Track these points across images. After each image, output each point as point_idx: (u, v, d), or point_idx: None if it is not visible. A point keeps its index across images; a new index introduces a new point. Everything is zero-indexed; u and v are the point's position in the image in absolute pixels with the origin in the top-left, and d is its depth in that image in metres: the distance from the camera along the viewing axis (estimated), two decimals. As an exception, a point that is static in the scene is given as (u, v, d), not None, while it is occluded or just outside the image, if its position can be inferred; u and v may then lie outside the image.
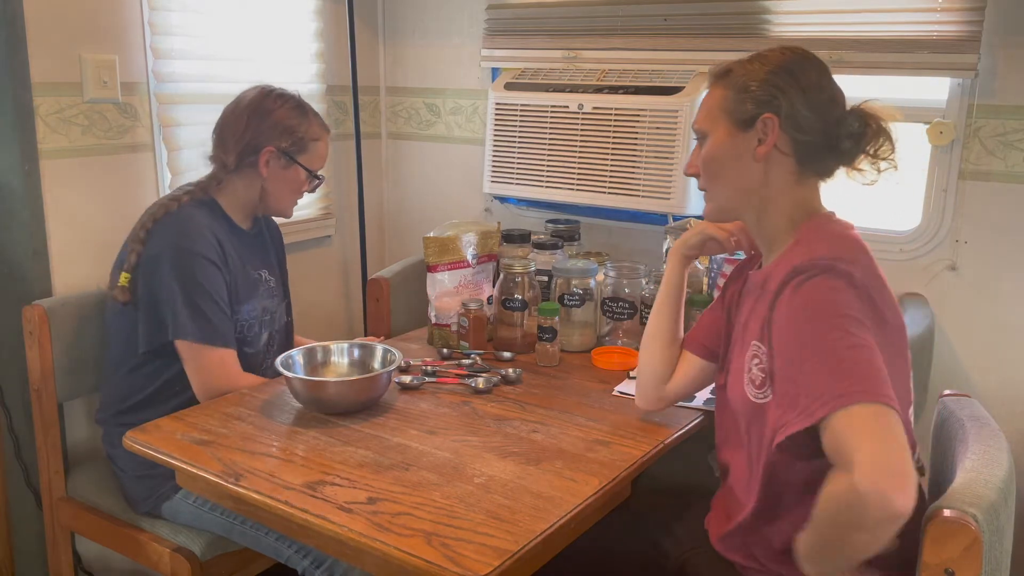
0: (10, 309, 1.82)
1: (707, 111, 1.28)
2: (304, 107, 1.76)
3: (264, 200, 1.76)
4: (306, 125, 1.74)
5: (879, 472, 0.93)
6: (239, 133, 1.70)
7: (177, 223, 1.63)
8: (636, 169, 2.11)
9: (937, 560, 0.91)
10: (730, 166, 1.26)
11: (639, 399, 1.51)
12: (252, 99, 1.73)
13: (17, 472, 1.92)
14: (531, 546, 1.10)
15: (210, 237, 1.64)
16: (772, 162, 1.23)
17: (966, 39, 1.79)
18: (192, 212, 1.66)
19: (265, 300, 1.79)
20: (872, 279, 1.15)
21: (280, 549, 1.53)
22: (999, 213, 1.86)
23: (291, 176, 1.74)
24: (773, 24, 2.03)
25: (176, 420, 1.48)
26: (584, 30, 2.29)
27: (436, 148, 2.68)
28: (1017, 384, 1.89)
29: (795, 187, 1.24)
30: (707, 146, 1.27)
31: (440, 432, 1.44)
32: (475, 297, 1.93)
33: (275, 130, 1.70)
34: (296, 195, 1.79)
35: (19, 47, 1.76)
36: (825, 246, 1.16)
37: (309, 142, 1.74)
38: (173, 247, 1.59)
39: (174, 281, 1.58)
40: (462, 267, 1.96)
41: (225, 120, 1.73)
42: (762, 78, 1.21)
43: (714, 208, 1.32)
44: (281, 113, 1.71)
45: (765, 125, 1.21)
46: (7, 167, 1.81)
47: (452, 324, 1.91)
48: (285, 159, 1.72)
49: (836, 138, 1.22)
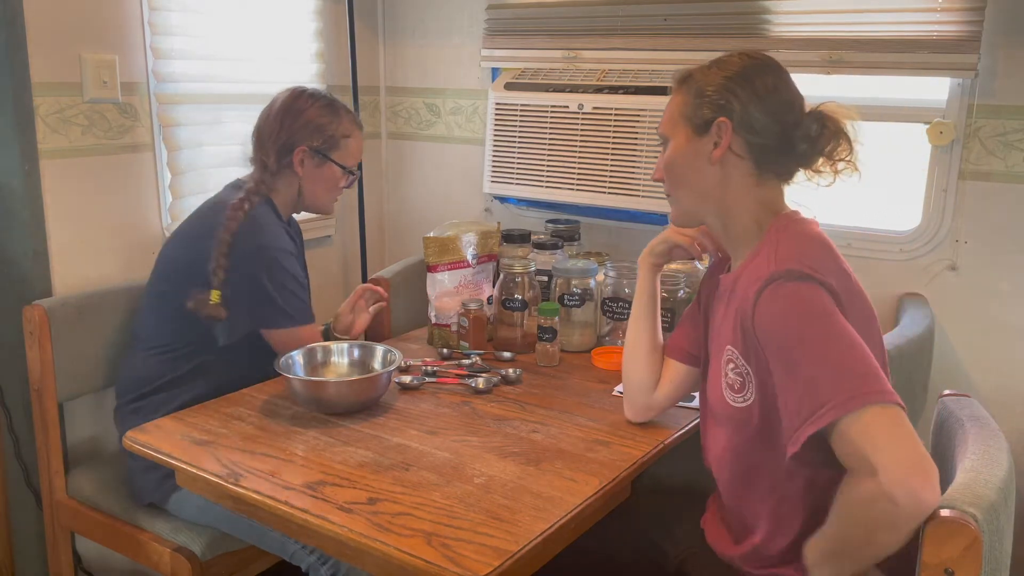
0: (10, 309, 1.82)
1: (668, 116, 1.31)
2: (335, 105, 1.81)
3: (303, 198, 1.82)
4: (336, 122, 1.79)
5: (906, 472, 0.95)
6: (275, 135, 1.76)
7: (253, 226, 1.68)
8: (636, 169, 2.11)
9: (937, 560, 0.91)
10: (690, 170, 1.27)
11: (628, 411, 1.50)
12: (284, 100, 1.79)
13: (17, 472, 1.92)
14: (531, 546, 1.10)
15: (283, 233, 1.74)
16: (729, 165, 1.24)
17: (966, 39, 1.80)
18: (263, 212, 1.73)
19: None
20: (841, 279, 1.15)
21: (285, 544, 1.53)
22: (999, 213, 1.86)
23: (326, 174, 1.80)
24: (773, 24, 2.03)
25: (176, 420, 1.48)
26: (584, 30, 2.29)
27: (436, 148, 2.68)
28: (1017, 384, 1.89)
29: (755, 189, 1.24)
30: (668, 151, 1.29)
31: (440, 432, 1.45)
32: (475, 297, 1.93)
33: (306, 129, 1.76)
34: (334, 192, 1.84)
35: (19, 47, 1.76)
36: (792, 247, 1.16)
37: (341, 139, 1.79)
38: (259, 249, 1.67)
39: (268, 281, 1.66)
40: (462, 267, 1.96)
41: (261, 123, 1.80)
42: (718, 83, 1.23)
43: (679, 212, 1.33)
44: (312, 112, 1.77)
45: (719, 128, 1.22)
46: (7, 167, 1.81)
47: (452, 324, 1.91)
48: (319, 157, 1.77)
49: (792, 140, 1.22)
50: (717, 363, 1.27)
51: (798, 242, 1.18)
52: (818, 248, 1.18)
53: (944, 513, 0.91)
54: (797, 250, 1.16)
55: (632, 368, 1.48)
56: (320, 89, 1.84)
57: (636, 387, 1.47)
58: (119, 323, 1.85)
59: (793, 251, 1.15)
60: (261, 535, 1.56)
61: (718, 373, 1.26)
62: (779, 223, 1.23)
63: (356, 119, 1.84)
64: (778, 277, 1.11)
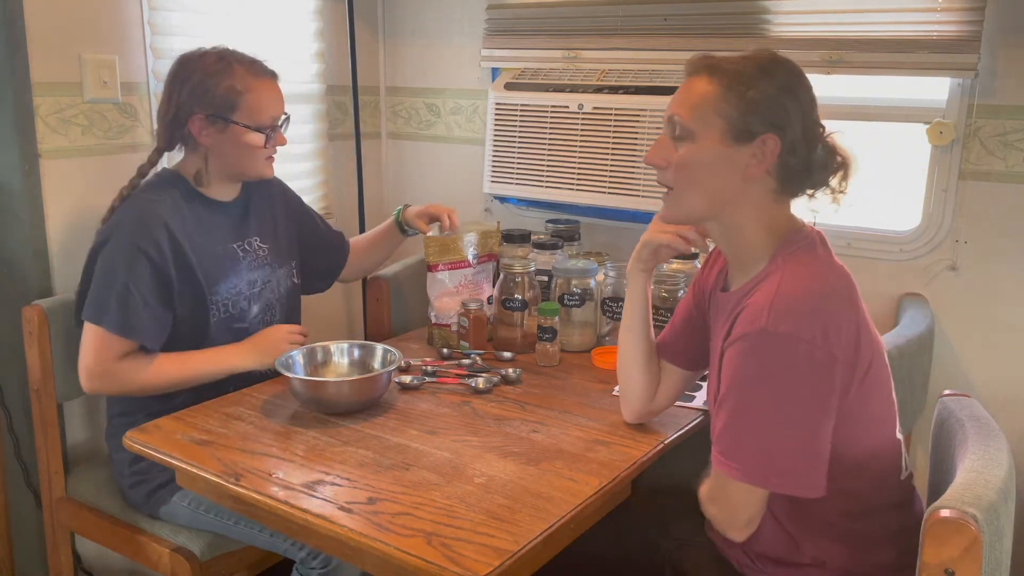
0: (10, 309, 1.82)
1: (695, 107, 1.18)
2: (226, 59, 1.61)
3: (226, 168, 1.66)
4: (228, 79, 1.59)
5: (732, 530, 1.20)
6: (162, 108, 1.63)
7: (125, 211, 1.60)
8: (636, 169, 2.11)
9: (937, 560, 0.90)
10: (712, 176, 1.19)
11: (628, 415, 1.48)
12: (170, 70, 1.63)
13: (17, 472, 1.92)
14: (531, 546, 1.10)
15: (156, 230, 1.56)
16: (755, 181, 1.18)
17: (966, 39, 1.79)
18: (148, 197, 1.61)
19: (252, 272, 1.72)
20: (843, 326, 1.11)
21: (276, 543, 1.53)
22: (999, 213, 1.86)
23: (235, 138, 1.61)
24: (773, 24, 2.03)
25: (176, 420, 1.48)
26: (584, 30, 2.29)
27: (436, 148, 2.68)
28: (1017, 384, 1.89)
29: (770, 207, 1.21)
30: (691, 149, 1.18)
31: (440, 432, 1.44)
32: (475, 297, 1.93)
33: (194, 95, 1.58)
34: (256, 153, 1.64)
35: (19, 47, 1.76)
36: (800, 289, 1.12)
37: (236, 96, 1.59)
38: (114, 237, 1.56)
39: (100, 264, 1.56)
40: (462, 267, 1.95)
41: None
42: (772, 95, 1.15)
43: (678, 212, 1.25)
44: (198, 75, 1.59)
45: (765, 145, 1.15)
46: (7, 167, 1.81)
47: (452, 324, 1.91)
48: (220, 122, 1.60)
49: (812, 166, 1.19)
50: (713, 372, 1.28)
51: (808, 283, 1.14)
52: (829, 285, 1.14)
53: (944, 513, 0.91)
54: (804, 297, 1.11)
55: (631, 375, 1.46)
56: (212, 46, 1.64)
57: (637, 395, 1.46)
58: (119, 323, 1.85)
59: (793, 298, 1.11)
60: (251, 539, 1.57)
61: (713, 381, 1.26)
62: (794, 253, 1.18)
63: (257, 68, 1.63)
64: (770, 332, 1.08)
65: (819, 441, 1.11)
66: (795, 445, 1.10)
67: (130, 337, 1.56)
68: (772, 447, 1.11)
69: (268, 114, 1.64)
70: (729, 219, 1.22)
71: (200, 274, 1.62)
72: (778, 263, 1.18)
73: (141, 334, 1.56)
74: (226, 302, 1.67)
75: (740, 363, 1.12)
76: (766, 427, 1.11)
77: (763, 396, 1.10)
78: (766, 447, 1.11)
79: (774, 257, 1.20)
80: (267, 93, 1.64)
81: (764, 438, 1.11)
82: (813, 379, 1.09)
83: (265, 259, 1.76)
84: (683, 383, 1.47)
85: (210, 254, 1.65)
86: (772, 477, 1.12)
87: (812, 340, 1.07)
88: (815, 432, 1.10)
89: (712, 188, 1.20)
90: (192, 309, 1.63)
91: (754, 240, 1.22)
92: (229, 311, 1.68)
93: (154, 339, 1.58)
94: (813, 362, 1.08)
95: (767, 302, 1.11)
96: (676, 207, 1.25)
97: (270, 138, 1.66)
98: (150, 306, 1.56)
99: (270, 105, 1.64)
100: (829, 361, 1.09)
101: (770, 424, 1.10)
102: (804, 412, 1.10)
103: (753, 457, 1.12)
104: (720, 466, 1.15)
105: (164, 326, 1.60)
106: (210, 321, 1.65)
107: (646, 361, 1.45)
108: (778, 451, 1.11)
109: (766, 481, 1.13)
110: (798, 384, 1.09)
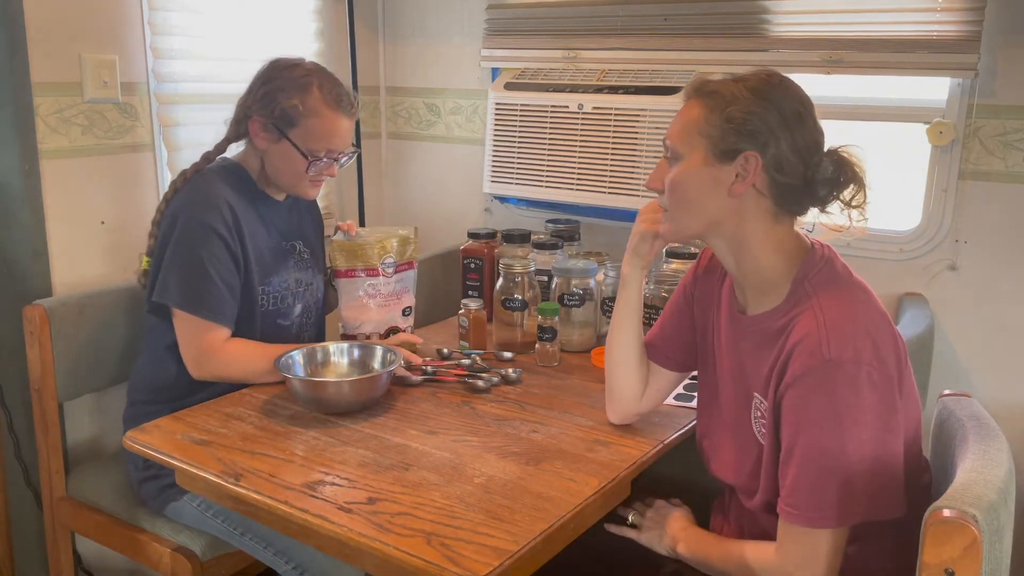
0: (10, 309, 1.82)
1: (682, 129, 1.20)
2: (311, 77, 1.63)
3: (272, 175, 1.69)
4: (301, 96, 1.61)
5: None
6: (242, 99, 1.67)
7: (190, 192, 1.61)
8: (636, 169, 2.11)
9: (937, 560, 0.90)
10: (701, 196, 1.19)
11: (614, 415, 1.48)
12: (261, 68, 1.67)
13: (17, 472, 1.92)
14: (531, 546, 1.10)
15: (223, 208, 1.58)
16: (747, 199, 1.17)
17: (966, 39, 1.80)
18: (211, 179, 1.63)
19: (298, 272, 1.76)
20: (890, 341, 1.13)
21: (277, 564, 1.53)
22: (999, 213, 1.86)
23: (285, 152, 1.63)
24: (773, 24, 2.03)
25: (176, 420, 1.48)
26: (584, 30, 2.29)
27: (436, 148, 2.68)
28: (1017, 384, 1.89)
29: (773, 227, 1.19)
30: (678, 170, 1.20)
31: (440, 432, 1.44)
32: (392, 308, 1.84)
33: (266, 99, 1.62)
34: (299, 176, 1.66)
35: (19, 47, 1.76)
36: (843, 314, 1.12)
37: (301, 116, 1.61)
38: (184, 215, 1.58)
39: (175, 246, 1.57)
40: (374, 275, 1.81)
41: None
42: (749, 110, 1.14)
43: (677, 231, 1.25)
44: (277, 83, 1.62)
45: (747, 162, 1.15)
46: (7, 167, 1.81)
47: (360, 336, 1.81)
48: (276, 132, 1.62)
49: (814, 183, 1.17)
50: (744, 394, 1.27)
51: (843, 307, 1.13)
52: (862, 318, 1.13)
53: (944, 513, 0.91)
54: (845, 322, 1.11)
55: (620, 375, 1.45)
56: (313, 63, 1.67)
57: (626, 395, 1.45)
58: (119, 323, 1.85)
59: (842, 324, 1.11)
60: (253, 551, 1.56)
61: (746, 403, 1.26)
62: (809, 275, 1.17)
63: (337, 99, 1.63)
64: (830, 364, 1.08)
65: (893, 459, 1.11)
66: (873, 468, 1.09)
67: (221, 323, 1.59)
68: (853, 478, 1.09)
69: (324, 144, 1.64)
70: (730, 238, 1.21)
71: (254, 261, 1.65)
72: (806, 290, 1.17)
73: (221, 315, 1.59)
74: (276, 295, 1.70)
75: (807, 402, 1.10)
76: (844, 460, 1.08)
77: (836, 429, 1.08)
78: (847, 480, 1.09)
79: (798, 283, 1.18)
80: (332, 124, 1.63)
81: (843, 472, 1.09)
82: (875, 398, 1.08)
83: (308, 263, 1.80)
84: (671, 385, 1.47)
85: (264, 246, 1.68)
86: (858, 509, 1.10)
87: (870, 361, 1.08)
88: (887, 451, 1.10)
89: (703, 209, 1.20)
90: (245, 294, 1.65)
91: (765, 262, 1.20)
92: (277, 305, 1.71)
93: (231, 320, 1.61)
94: (873, 383, 1.08)
95: (820, 334, 1.10)
96: (672, 226, 1.26)
97: (316, 166, 1.65)
98: (228, 285, 1.59)
99: (330, 137, 1.64)
100: (887, 379, 1.10)
101: (847, 455, 1.08)
102: (873, 433, 1.09)
103: (837, 497, 1.09)
104: (802, 521, 1.11)
105: (237, 305, 1.63)
106: (257, 311, 1.67)
107: (638, 362, 1.44)
108: (858, 479, 1.09)
109: (854, 516, 1.10)
110: (865, 406, 1.08)
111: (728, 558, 1.24)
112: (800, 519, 1.12)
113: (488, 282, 2.07)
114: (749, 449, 1.26)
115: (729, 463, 1.31)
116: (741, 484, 1.29)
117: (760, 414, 1.22)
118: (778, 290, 1.20)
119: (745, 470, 1.27)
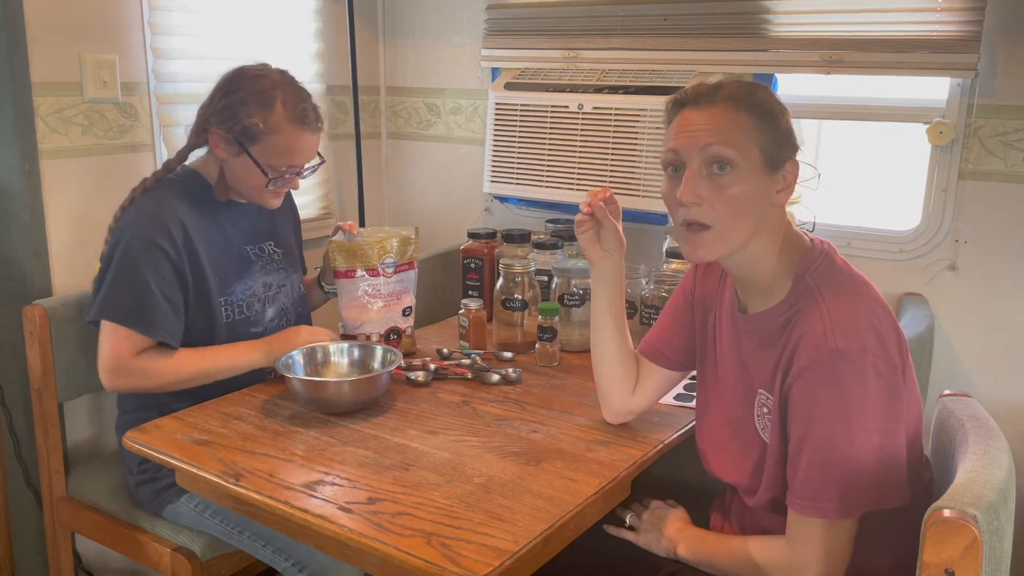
0: (10, 309, 1.82)
1: (734, 136, 1.13)
2: (275, 90, 1.58)
3: (232, 185, 1.64)
4: (263, 113, 1.55)
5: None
6: (202, 107, 1.62)
7: (140, 206, 1.59)
8: (636, 169, 2.11)
9: (937, 560, 0.90)
10: (756, 207, 1.16)
11: (608, 414, 1.48)
12: (224, 75, 1.62)
13: (17, 472, 1.92)
14: (531, 546, 1.10)
15: (172, 225, 1.55)
16: (780, 207, 1.20)
17: (966, 39, 1.80)
18: (163, 194, 1.60)
19: (266, 275, 1.73)
20: (892, 330, 1.14)
21: (276, 561, 1.53)
22: (999, 213, 1.86)
23: (245, 165, 1.59)
24: (773, 24, 2.03)
25: (176, 420, 1.48)
26: (584, 30, 2.29)
27: (436, 148, 2.68)
28: (1017, 384, 1.89)
29: (786, 230, 1.21)
30: (737, 181, 1.14)
31: (440, 432, 1.45)
32: (392, 308, 1.84)
33: (227, 111, 1.57)
34: (259, 189, 1.62)
35: (19, 47, 1.76)
36: (846, 305, 1.13)
37: (263, 132, 1.56)
38: (129, 232, 1.55)
39: (119, 262, 1.54)
40: (374, 275, 1.80)
41: None
42: (788, 120, 1.18)
43: (724, 246, 1.17)
44: (243, 94, 1.56)
45: (791, 170, 1.18)
46: (7, 167, 1.81)
47: (361, 336, 1.79)
48: (236, 146, 1.58)
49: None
50: (746, 393, 1.27)
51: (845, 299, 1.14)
52: (864, 309, 1.14)
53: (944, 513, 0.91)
54: (849, 313, 1.12)
55: (604, 373, 1.46)
56: (274, 70, 1.63)
57: (614, 392, 1.46)
58: (119, 323, 1.85)
59: (845, 315, 1.12)
60: (252, 550, 1.56)
61: (749, 401, 1.26)
62: (810, 270, 1.18)
63: (301, 115, 1.58)
64: (842, 354, 1.09)
65: (897, 448, 1.12)
66: (879, 457, 1.10)
67: (149, 334, 1.55)
68: (860, 467, 1.09)
69: (286, 161, 1.60)
70: (757, 249, 1.20)
71: (211, 274, 1.62)
72: (808, 284, 1.17)
73: (161, 330, 1.55)
74: (240, 304, 1.68)
75: (814, 394, 1.11)
76: (851, 450, 1.09)
77: (843, 419, 1.09)
78: (855, 470, 1.09)
79: (799, 279, 1.19)
80: (294, 140, 1.59)
81: (853, 463, 1.09)
82: (880, 388, 1.09)
83: (280, 263, 1.77)
84: (669, 384, 1.47)
85: (224, 255, 1.66)
86: (865, 499, 1.11)
87: (875, 351, 1.09)
88: (892, 440, 1.11)
89: (753, 218, 1.16)
90: (203, 309, 1.63)
91: (771, 263, 1.21)
92: (244, 313, 1.68)
93: (173, 335, 1.57)
94: (878, 372, 1.09)
95: (824, 326, 1.11)
96: (720, 244, 1.17)
97: (276, 181, 1.62)
98: (169, 301, 1.56)
99: (292, 154, 1.60)
100: (891, 368, 1.10)
101: (855, 445, 1.09)
102: (879, 423, 1.10)
103: (847, 488, 1.10)
104: (815, 513, 1.12)
105: (183, 321, 1.60)
106: (221, 322, 1.64)
107: (618, 358, 1.45)
108: (865, 468, 1.10)
109: (862, 506, 1.11)
110: (871, 396, 1.09)
111: (732, 556, 1.24)
112: (814, 511, 1.12)
113: (488, 282, 2.07)
114: (751, 447, 1.26)
115: (730, 462, 1.31)
116: (742, 483, 1.29)
117: (766, 410, 1.22)
118: (780, 287, 1.21)
119: (747, 469, 1.27)
